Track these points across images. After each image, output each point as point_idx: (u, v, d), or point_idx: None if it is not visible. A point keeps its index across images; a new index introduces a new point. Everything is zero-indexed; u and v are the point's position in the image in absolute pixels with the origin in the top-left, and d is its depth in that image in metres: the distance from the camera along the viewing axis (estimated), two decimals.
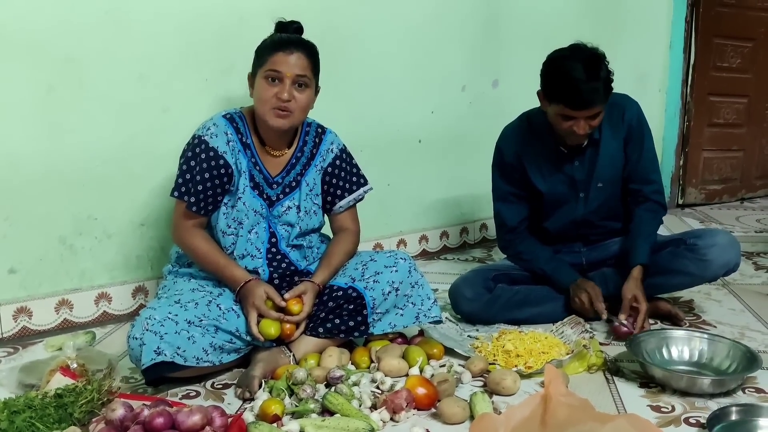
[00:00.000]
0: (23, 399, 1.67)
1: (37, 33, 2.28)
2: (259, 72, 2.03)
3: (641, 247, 2.35)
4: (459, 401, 1.78)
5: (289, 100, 2.00)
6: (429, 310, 2.18)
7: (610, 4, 4.01)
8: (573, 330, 2.24)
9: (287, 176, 2.16)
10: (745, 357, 1.97)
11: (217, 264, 2.06)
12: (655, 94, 4.39)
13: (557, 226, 2.50)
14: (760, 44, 4.59)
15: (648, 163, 2.44)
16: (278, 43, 2.03)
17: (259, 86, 2.03)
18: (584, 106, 2.18)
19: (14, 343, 2.35)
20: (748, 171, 4.81)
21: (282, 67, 1.99)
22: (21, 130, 2.30)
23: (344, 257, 2.20)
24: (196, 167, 2.04)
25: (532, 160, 2.44)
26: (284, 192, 2.15)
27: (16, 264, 2.36)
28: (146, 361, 1.82)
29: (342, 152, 2.26)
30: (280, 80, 2.00)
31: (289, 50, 2.00)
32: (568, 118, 2.22)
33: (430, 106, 3.34)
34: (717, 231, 2.52)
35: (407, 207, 3.37)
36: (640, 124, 2.42)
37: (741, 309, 2.62)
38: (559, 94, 2.20)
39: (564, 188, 2.44)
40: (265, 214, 2.13)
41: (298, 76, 2.01)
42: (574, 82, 2.15)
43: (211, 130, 2.06)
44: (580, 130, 2.22)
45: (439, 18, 3.27)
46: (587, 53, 2.21)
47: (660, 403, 1.85)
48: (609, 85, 2.21)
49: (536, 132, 2.43)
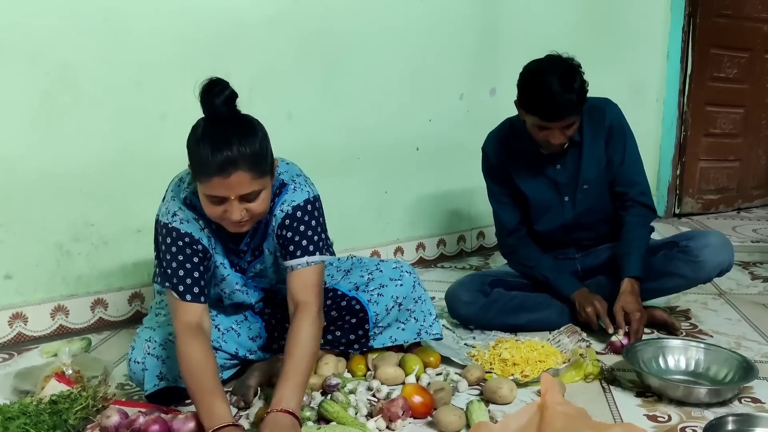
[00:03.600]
0: (18, 405, 1.67)
1: (35, 39, 2.28)
2: (198, 185, 1.67)
3: (632, 260, 2.34)
4: (455, 410, 1.78)
5: (241, 220, 1.68)
6: (431, 326, 2.17)
7: (607, 14, 4.03)
8: (570, 339, 2.24)
9: (251, 241, 1.91)
10: (741, 367, 1.97)
11: (200, 389, 1.63)
12: (652, 104, 4.40)
13: (547, 230, 2.51)
14: (757, 54, 4.60)
15: (632, 165, 2.44)
16: (212, 166, 1.60)
17: (202, 200, 1.69)
18: (558, 118, 2.22)
19: (9, 349, 2.34)
20: (744, 181, 4.82)
21: (223, 193, 1.63)
22: (18, 136, 2.30)
23: (308, 362, 1.71)
24: (180, 256, 1.77)
25: (516, 164, 2.47)
26: (254, 255, 1.93)
27: (11, 270, 2.36)
28: (149, 387, 1.82)
29: (296, 210, 1.84)
30: (226, 200, 1.65)
31: (226, 173, 1.59)
32: (543, 128, 2.26)
33: (428, 114, 3.34)
34: (709, 232, 2.51)
35: (404, 215, 3.37)
36: (621, 126, 2.43)
37: (737, 318, 2.62)
38: (534, 106, 2.24)
39: (548, 192, 2.46)
40: (244, 281, 1.97)
41: (244, 195, 1.65)
42: (549, 95, 2.18)
43: (178, 215, 1.79)
44: (555, 140, 2.26)
45: (437, 26, 3.28)
46: (563, 65, 2.23)
47: (656, 412, 1.85)
48: (583, 96, 2.24)
49: (518, 137, 2.45)
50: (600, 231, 2.53)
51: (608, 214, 2.50)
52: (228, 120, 1.64)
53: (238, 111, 1.67)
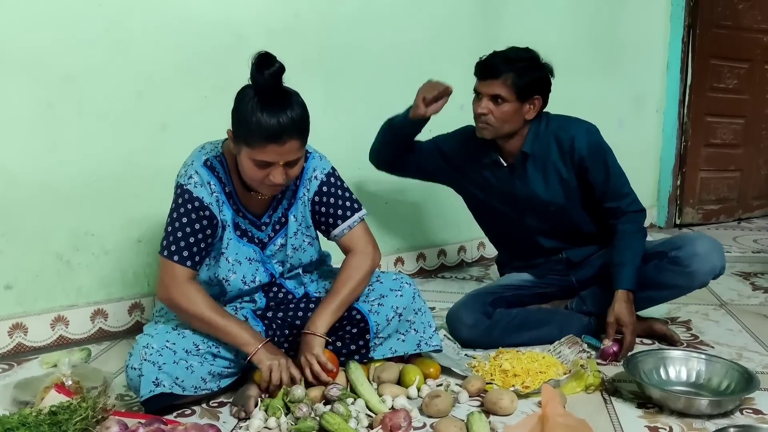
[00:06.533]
0: (17, 416, 1.66)
1: (37, 50, 2.29)
2: (244, 149, 1.81)
3: (626, 271, 2.32)
4: (456, 421, 1.77)
5: (282, 182, 1.85)
6: (430, 338, 2.17)
7: (607, 26, 4.04)
8: (570, 350, 2.23)
9: (274, 213, 2.05)
10: (742, 378, 1.96)
11: (220, 320, 1.89)
12: (652, 115, 4.41)
13: (504, 237, 2.62)
14: (756, 65, 4.62)
15: (616, 179, 2.41)
16: (268, 133, 1.75)
17: (245, 163, 1.84)
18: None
19: (9, 360, 2.33)
20: (745, 191, 4.83)
21: (273, 158, 1.79)
22: (19, 147, 2.30)
23: (350, 290, 2.04)
24: (183, 218, 1.90)
25: (474, 170, 2.54)
26: (274, 230, 2.06)
27: (12, 280, 2.36)
28: (145, 393, 1.81)
29: (329, 177, 2.08)
30: (272, 164, 1.82)
31: (281, 141, 1.77)
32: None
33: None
34: (696, 238, 2.40)
35: (405, 225, 3.37)
36: (596, 148, 2.38)
37: (739, 329, 2.61)
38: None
39: (507, 201, 2.51)
40: (260, 257, 2.06)
41: (291, 161, 1.84)
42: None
43: (194, 179, 1.91)
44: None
45: (437, 38, 3.30)
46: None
47: (657, 423, 1.84)
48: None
49: (476, 144, 2.53)
50: (576, 241, 2.54)
51: (582, 226, 2.51)
52: (276, 91, 1.80)
53: (283, 83, 1.81)
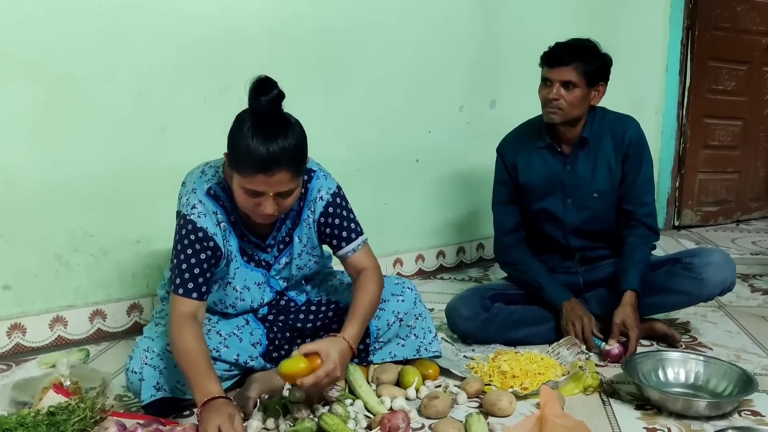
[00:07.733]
0: (16, 417, 1.66)
1: (36, 50, 2.29)
2: (235, 175, 1.73)
3: (631, 273, 2.34)
4: (454, 422, 1.77)
5: (272, 213, 1.75)
6: (430, 344, 2.17)
7: (607, 27, 4.04)
8: (569, 351, 2.23)
9: (278, 233, 2.00)
10: (741, 379, 1.97)
11: (195, 371, 1.70)
12: (651, 117, 4.41)
13: (545, 229, 2.52)
14: (755, 67, 4.63)
15: (643, 185, 2.45)
16: (256, 162, 1.66)
17: (236, 191, 1.76)
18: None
19: (7, 360, 2.33)
20: (743, 193, 4.83)
21: (262, 188, 1.70)
22: (18, 147, 2.30)
23: (370, 305, 1.96)
24: (188, 250, 1.82)
25: (526, 158, 2.49)
26: (279, 249, 2.02)
27: (10, 280, 2.36)
28: (146, 397, 1.81)
29: (334, 197, 1.99)
30: (262, 194, 1.72)
31: (270, 171, 1.67)
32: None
33: (428, 126, 3.35)
34: (712, 250, 2.52)
35: (404, 226, 3.37)
36: (641, 143, 2.43)
37: (737, 331, 2.61)
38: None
39: (553, 190, 2.47)
40: (267, 278, 2.05)
41: (281, 192, 1.73)
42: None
43: (197, 208, 1.84)
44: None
45: (437, 39, 3.30)
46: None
47: (656, 425, 1.84)
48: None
49: (533, 132, 2.48)
50: (598, 242, 2.52)
51: (609, 227, 2.50)
52: (272, 118, 1.70)
53: (282, 110, 1.73)
